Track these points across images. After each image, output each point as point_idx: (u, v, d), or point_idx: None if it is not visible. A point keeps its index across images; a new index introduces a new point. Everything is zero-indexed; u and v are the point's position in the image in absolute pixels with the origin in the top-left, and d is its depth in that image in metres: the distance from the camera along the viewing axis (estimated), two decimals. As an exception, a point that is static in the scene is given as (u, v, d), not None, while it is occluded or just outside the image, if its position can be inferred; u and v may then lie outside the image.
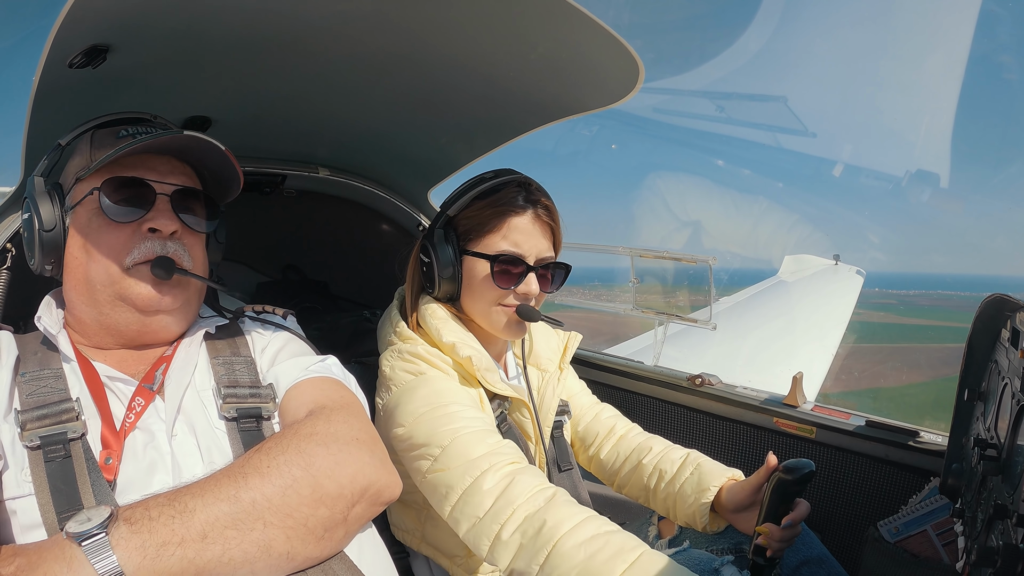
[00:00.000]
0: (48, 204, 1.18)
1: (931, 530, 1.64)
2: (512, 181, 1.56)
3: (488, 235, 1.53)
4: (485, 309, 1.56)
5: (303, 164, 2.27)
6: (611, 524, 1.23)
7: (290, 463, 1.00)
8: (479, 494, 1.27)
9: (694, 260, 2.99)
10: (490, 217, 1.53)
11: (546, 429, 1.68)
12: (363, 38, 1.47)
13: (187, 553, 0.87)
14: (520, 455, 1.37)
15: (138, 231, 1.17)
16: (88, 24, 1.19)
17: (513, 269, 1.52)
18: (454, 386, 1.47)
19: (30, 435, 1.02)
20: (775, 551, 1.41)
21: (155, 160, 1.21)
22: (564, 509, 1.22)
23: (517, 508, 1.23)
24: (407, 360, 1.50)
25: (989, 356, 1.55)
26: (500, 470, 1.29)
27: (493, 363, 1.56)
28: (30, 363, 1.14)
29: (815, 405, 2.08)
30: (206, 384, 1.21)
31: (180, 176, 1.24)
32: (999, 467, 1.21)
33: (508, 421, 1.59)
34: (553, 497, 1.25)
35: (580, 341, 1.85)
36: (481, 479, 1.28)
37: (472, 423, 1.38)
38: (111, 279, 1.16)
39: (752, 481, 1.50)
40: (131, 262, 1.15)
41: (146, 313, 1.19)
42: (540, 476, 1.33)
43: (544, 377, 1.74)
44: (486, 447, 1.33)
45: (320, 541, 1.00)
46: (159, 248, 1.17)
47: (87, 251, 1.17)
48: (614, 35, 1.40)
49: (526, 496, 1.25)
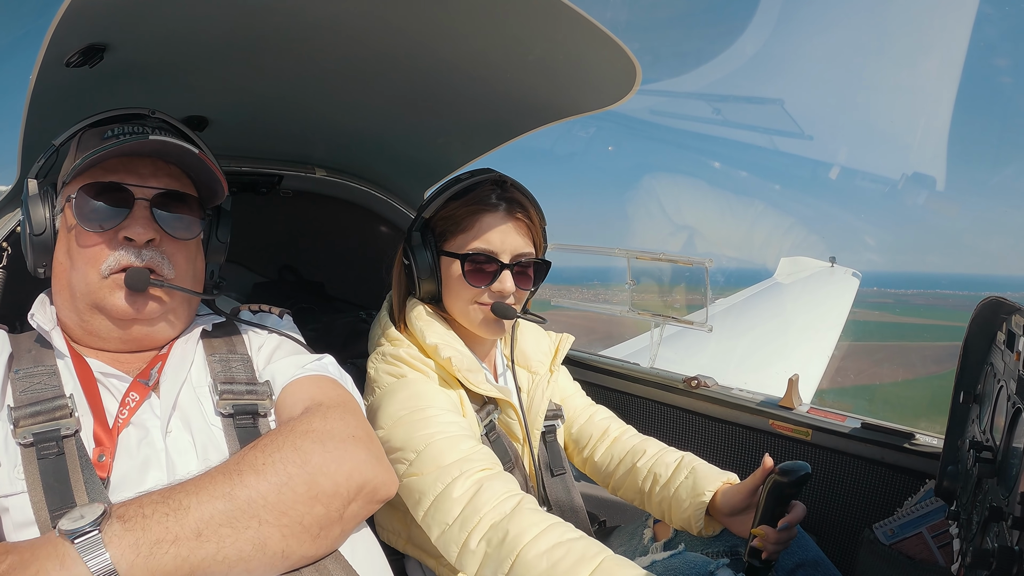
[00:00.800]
0: (39, 207, 1.18)
1: (926, 532, 1.64)
2: (486, 180, 1.57)
3: (461, 234, 1.54)
4: (463, 308, 1.57)
5: (300, 164, 2.26)
6: (574, 531, 1.24)
7: (286, 460, 0.99)
8: (449, 501, 1.29)
9: (690, 262, 2.99)
10: (463, 216, 1.54)
11: (535, 431, 1.68)
12: (360, 39, 1.46)
13: (181, 551, 0.87)
14: (494, 461, 1.39)
15: (114, 239, 1.14)
16: (85, 23, 1.19)
17: (487, 267, 1.53)
18: (433, 389, 1.48)
19: (23, 432, 1.02)
20: (771, 553, 1.41)
21: (138, 162, 1.18)
22: (528, 518, 1.24)
23: (483, 517, 1.25)
24: (390, 363, 1.52)
25: (985, 358, 1.55)
26: (470, 477, 1.31)
27: (477, 364, 1.56)
28: (24, 360, 1.13)
29: (811, 407, 2.08)
30: (202, 381, 1.20)
31: (164, 179, 1.20)
32: (994, 469, 1.21)
33: (497, 428, 1.60)
34: (518, 505, 1.27)
35: (572, 343, 1.85)
36: (451, 486, 1.30)
37: (447, 428, 1.39)
38: (88, 287, 1.14)
39: (747, 484, 1.50)
40: (106, 270, 1.13)
41: (122, 323, 1.17)
42: (510, 483, 1.34)
43: (534, 379, 1.74)
44: (458, 453, 1.34)
45: (315, 540, 0.99)
46: (134, 257, 1.14)
47: (70, 256, 1.16)
48: (611, 37, 1.40)
49: (492, 504, 1.26)
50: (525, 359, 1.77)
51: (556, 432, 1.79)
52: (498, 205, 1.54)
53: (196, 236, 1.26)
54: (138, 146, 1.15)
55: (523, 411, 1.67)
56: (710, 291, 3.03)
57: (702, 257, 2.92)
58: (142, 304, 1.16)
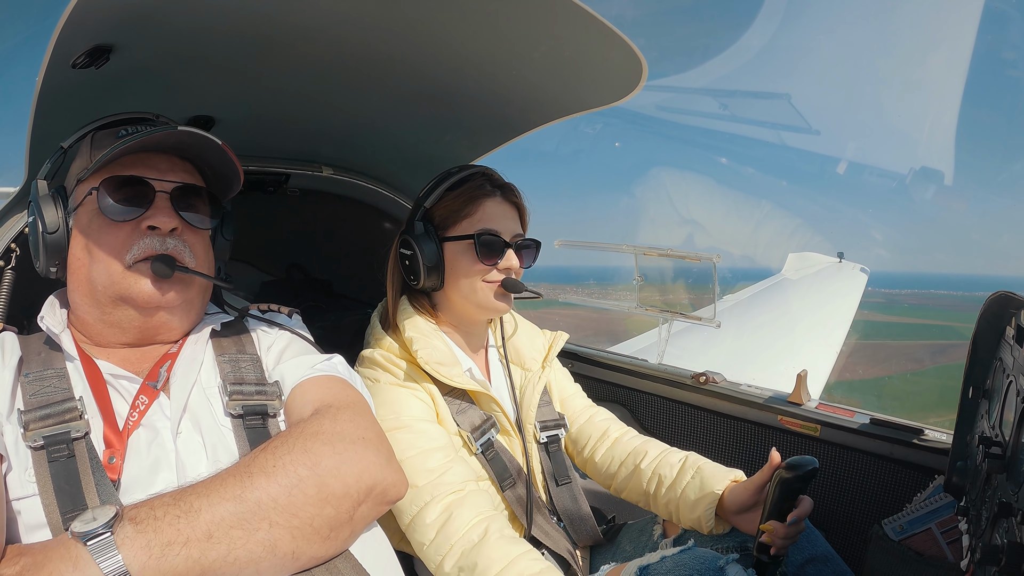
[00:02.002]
0: (51, 207, 1.19)
1: (935, 528, 1.63)
2: (477, 172, 1.66)
3: (465, 220, 1.61)
4: (472, 288, 1.62)
5: (307, 163, 2.27)
6: (541, 562, 1.31)
7: (296, 462, 1.00)
8: (423, 526, 1.39)
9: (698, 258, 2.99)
10: (464, 204, 1.61)
11: (528, 425, 1.71)
12: (367, 37, 1.47)
13: (192, 553, 0.88)
14: (464, 478, 1.44)
15: (137, 229, 1.17)
16: (91, 24, 1.19)
17: (495, 246, 1.61)
18: (403, 394, 1.52)
19: (33, 435, 1.02)
20: (779, 549, 1.41)
21: (155, 158, 1.21)
22: (495, 551, 1.32)
23: (454, 544, 1.35)
24: (366, 366, 1.58)
25: (994, 354, 1.54)
26: (440, 502, 1.39)
27: (454, 358, 1.60)
28: (33, 363, 1.14)
29: (819, 403, 2.08)
30: (212, 382, 1.21)
31: (180, 173, 1.24)
32: (1004, 465, 1.20)
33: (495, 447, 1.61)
34: (485, 534, 1.34)
35: (566, 340, 1.89)
36: (424, 511, 1.38)
37: (417, 441, 1.45)
38: (112, 278, 1.16)
39: (755, 481, 1.50)
40: (131, 259, 1.16)
41: (147, 310, 1.19)
42: (479, 505, 1.40)
43: (527, 376, 1.78)
44: (428, 476, 1.41)
45: (326, 541, 1.00)
46: (158, 245, 1.17)
47: (89, 251, 1.17)
48: (617, 32, 1.40)
49: (461, 532, 1.35)
50: (519, 356, 1.81)
51: (559, 442, 1.81)
52: (494, 192, 1.64)
53: (214, 227, 1.31)
54: (164, 137, 1.18)
55: (516, 407, 1.71)
56: (718, 287, 3.02)
57: (710, 253, 2.92)
58: (167, 290, 1.18)
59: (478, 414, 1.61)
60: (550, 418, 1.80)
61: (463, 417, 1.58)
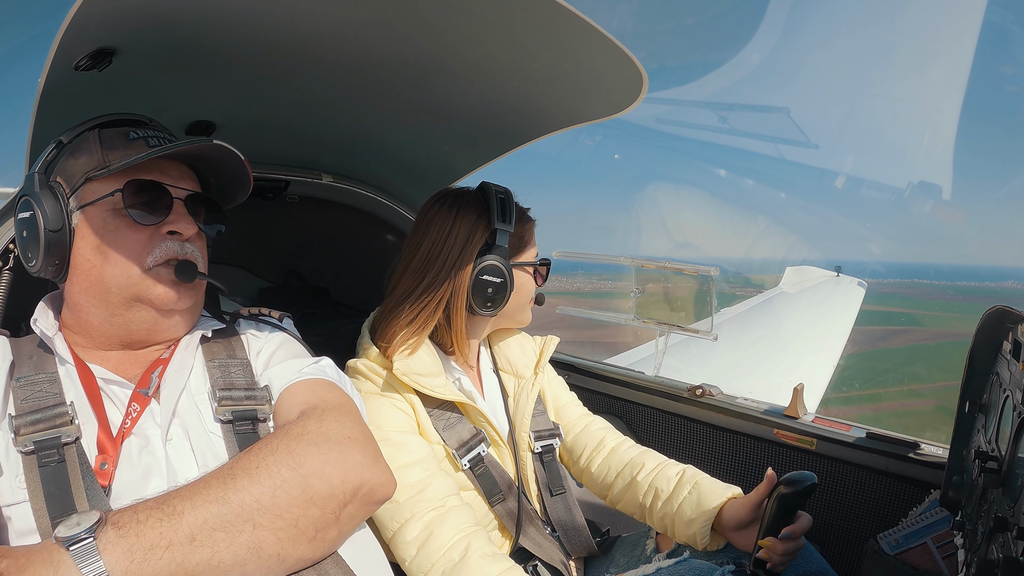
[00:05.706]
0: (54, 203, 1.16)
1: (931, 543, 1.63)
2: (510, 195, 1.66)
3: (528, 248, 1.69)
4: (522, 306, 1.71)
5: (306, 170, 2.27)
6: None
7: (279, 463, 0.99)
8: (404, 543, 1.38)
9: (696, 271, 3.00)
10: (525, 231, 1.68)
11: (523, 435, 1.70)
12: (368, 45, 1.47)
13: (175, 556, 0.87)
14: (444, 493, 1.42)
15: (157, 233, 1.18)
16: (95, 27, 1.20)
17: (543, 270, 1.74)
18: (383, 404, 1.51)
19: (24, 440, 1.02)
20: (777, 565, 1.40)
21: (168, 165, 1.22)
22: (476, 570, 1.31)
23: (435, 563, 1.34)
24: (351, 375, 1.56)
25: (990, 368, 1.54)
26: (421, 519, 1.38)
27: (439, 368, 1.57)
28: (25, 367, 1.13)
29: (816, 417, 2.08)
30: (201, 388, 1.20)
31: (189, 181, 1.25)
32: (1000, 479, 1.20)
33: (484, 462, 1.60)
34: (466, 553, 1.34)
35: (557, 344, 1.88)
36: (404, 528, 1.38)
37: (396, 456, 1.42)
38: (130, 280, 1.15)
39: (752, 498, 1.49)
40: (152, 262, 1.16)
41: (163, 312, 1.20)
42: (459, 523, 1.39)
43: (520, 384, 1.77)
44: (408, 491, 1.40)
45: (312, 542, 0.99)
46: (179, 250, 1.19)
47: (102, 252, 1.16)
48: (618, 45, 1.40)
49: (441, 552, 1.35)
50: (511, 365, 1.80)
51: (554, 451, 1.80)
52: (533, 219, 1.72)
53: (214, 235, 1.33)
54: (200, 148, 1.20)
55: (509, 416, 1.71)
56: (715, 299, 3.03)
57: (707, 266, 2.93)
58: (184, 293, 1.20)
59: (467, 428, 1.58)
60: (544, 428, 1.79)
61: (451, 432, 1.56)
